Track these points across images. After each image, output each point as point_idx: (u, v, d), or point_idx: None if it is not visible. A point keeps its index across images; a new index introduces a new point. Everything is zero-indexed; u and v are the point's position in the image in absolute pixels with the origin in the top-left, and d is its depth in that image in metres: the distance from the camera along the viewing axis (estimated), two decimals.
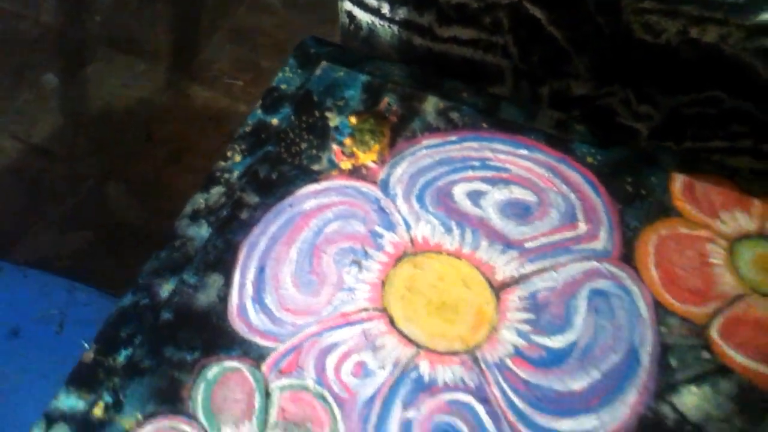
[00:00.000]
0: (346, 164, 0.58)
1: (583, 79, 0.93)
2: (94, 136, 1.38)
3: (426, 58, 0.98)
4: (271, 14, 1.56)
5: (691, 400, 0.49)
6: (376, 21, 0.97)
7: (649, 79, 0.88)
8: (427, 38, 0.96)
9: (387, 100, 0.61)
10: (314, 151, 0.61)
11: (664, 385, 0.49)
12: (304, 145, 0.61)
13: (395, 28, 0.96)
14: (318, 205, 0.58)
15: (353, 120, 0.58)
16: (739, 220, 0.56)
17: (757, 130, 0.84)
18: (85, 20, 1.57)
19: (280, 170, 0.60)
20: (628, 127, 0.91)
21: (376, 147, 0.57)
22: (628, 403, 0.48)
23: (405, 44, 0.99)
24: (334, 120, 0.62)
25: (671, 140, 0.89)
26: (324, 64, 0.66)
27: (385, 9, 0.94)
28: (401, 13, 0.93)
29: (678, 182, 0.58)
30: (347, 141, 0.58)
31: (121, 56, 1.50)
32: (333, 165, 0.60)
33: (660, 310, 0.52)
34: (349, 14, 0.98)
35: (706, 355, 0.50)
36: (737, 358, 0.50)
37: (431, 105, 0.63)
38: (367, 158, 0.58)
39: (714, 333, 0.51)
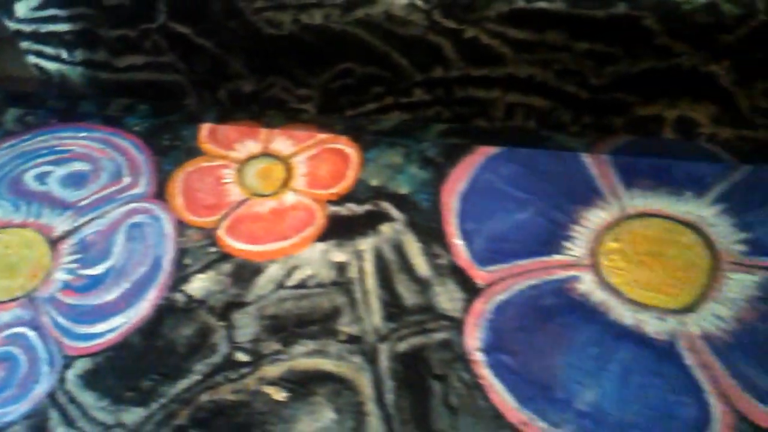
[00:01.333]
0: None
1: (246, 77, 1.08)
2: None
3: (119, 90, 1.10)
4: None
5: (198, 284, 0.63)
6: (62, 67, 1.08)
7: (293, 65, 1.04)
8: (111, 71, 1.08)
9: None
10: None
11: (179, 279, 0.63)
12: None
13: (80, 69, 1.08)
14: None
15: None
16: (249, 147, 0.72)
17: (391, 88, 1.02)
18: None
19: None
20: (301, 110, 1.06)
21: None
22: (149, 299, 0.62)
23: (94, 81, 1.10)
24: None
25: (337, 113, 1.05)
26: None
27: (65, 54, 1.04)
28: (78, 55, 1.04)
29: (204, 130, 0.73)
30: None
31: None
32: None
33: (182, 226, 0.67)
34: (37, 66, 1.08)
35: (213, 249, 0.65)
36: (235, 245, 0.65)
37: (11, 115, 0.76)
38: None
39: (221, 232, 0.66)
